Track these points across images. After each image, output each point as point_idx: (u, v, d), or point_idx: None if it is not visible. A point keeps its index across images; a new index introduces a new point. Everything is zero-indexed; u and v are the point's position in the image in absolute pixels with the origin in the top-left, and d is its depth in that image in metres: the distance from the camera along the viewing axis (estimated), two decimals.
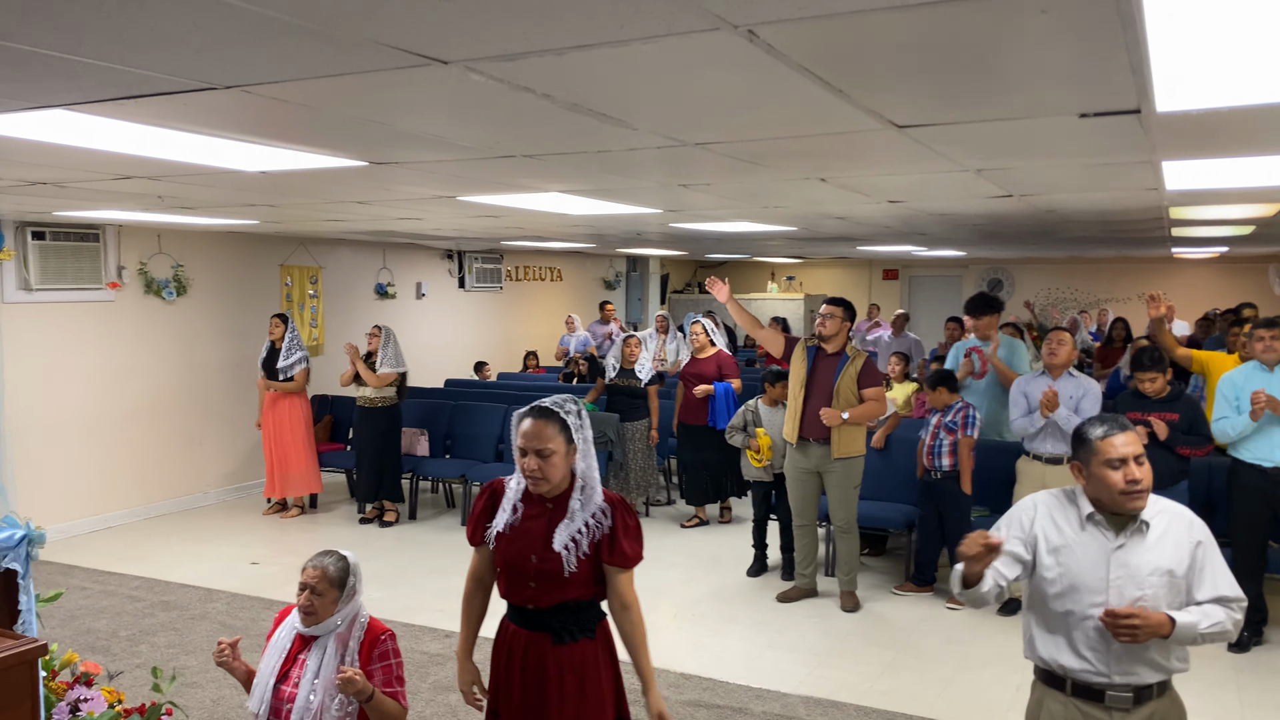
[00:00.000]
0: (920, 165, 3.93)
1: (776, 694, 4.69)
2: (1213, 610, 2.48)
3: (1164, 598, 2.48)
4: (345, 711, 2.72)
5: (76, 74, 2.33)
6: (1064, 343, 5.64)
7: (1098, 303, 15.61)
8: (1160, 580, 2.48)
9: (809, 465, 5.76)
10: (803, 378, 5.69)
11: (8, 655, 2.48)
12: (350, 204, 5.68)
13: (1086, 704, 2.56)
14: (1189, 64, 2.20)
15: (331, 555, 2.83)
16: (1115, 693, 2.52)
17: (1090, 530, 2.55)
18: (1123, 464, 2.47)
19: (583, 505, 2.70)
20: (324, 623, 2.77)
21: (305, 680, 2.74)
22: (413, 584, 6.39)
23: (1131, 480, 2.46)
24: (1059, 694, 2.61)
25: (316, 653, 2.78)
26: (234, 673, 2.86)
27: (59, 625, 5.53)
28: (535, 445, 2.63)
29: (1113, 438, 2.49)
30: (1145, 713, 2.54)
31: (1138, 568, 2.49)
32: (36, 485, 7.29)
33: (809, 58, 2.18)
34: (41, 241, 7.26)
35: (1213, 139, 3.29)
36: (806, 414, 5.66)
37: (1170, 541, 2.51)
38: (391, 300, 10.88)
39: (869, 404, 5.58)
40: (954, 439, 5.83)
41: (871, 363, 5.72)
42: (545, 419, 2.66)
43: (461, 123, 3.01)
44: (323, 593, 2.75)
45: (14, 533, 2.77)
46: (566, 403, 2.73)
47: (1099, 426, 2.53)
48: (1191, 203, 5.59)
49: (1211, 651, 5.18)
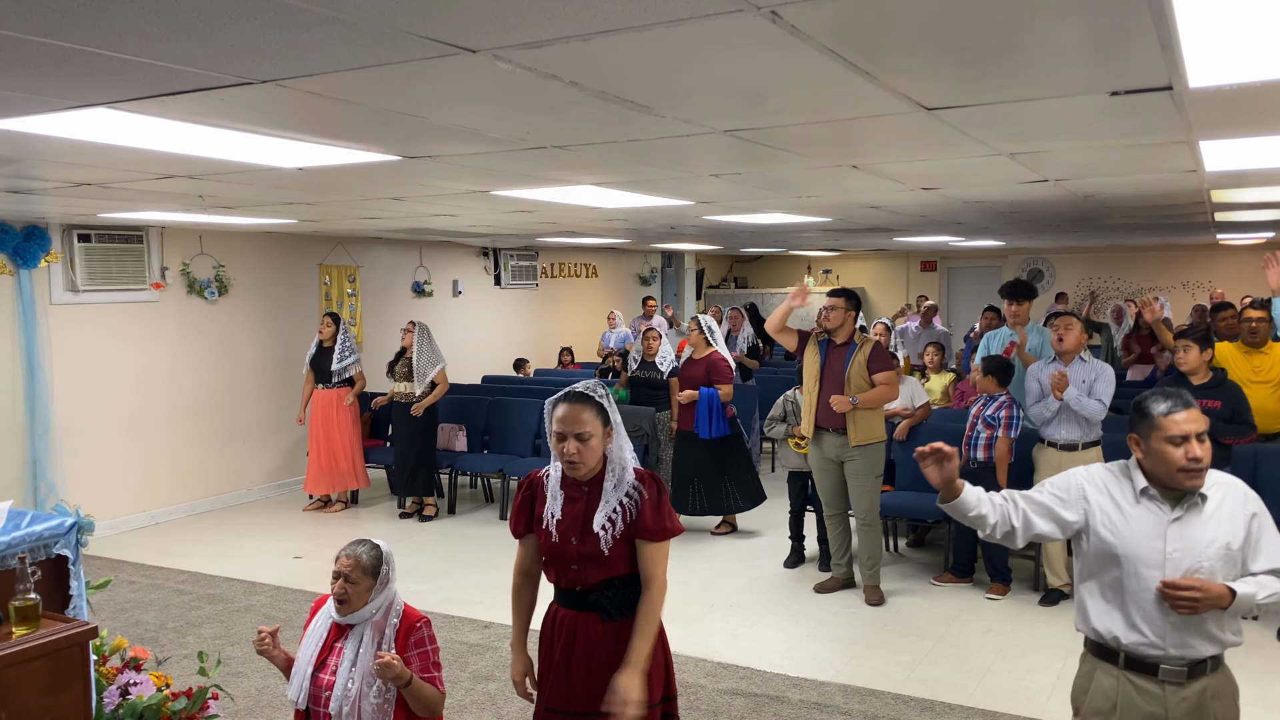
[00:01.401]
0: (952, 149, 3.91)
1: (814, 682, 4.69)
2: (1269, 581, 2.46)
3: (1220, 570, 2.46)
4: (384, 698, 2.75)
5: (117, 71, 2.40)
6: (1071, 328, 5.59)
7: (1140, 291, 15.38)
8: (1217, 553, 2.46)
9: (829, 455, 5.78)
10: (816, 370, 5.74)
11: (60, 637, 2.57)
12: (385, 200, 5.76)
13: (1140, 677, 2.53)
14: (1220, 37, 2.18)
15: (365, 544, 2.86)
16: (1170, 666, 2.49)
17: (1145, 503, 2.53)
18: (1184, 441, 2.44)
19: (616, 486, 2.76)
20: (359, 611, 2.80)
21: (343, 668, 2.78)
22: (452, 577, 6.47)
23: (1193, 458, 2.43)
24: (1111, 667, 2.59)
25: (353, 641, 2.81)
26: (274, 660, 2.90)
27: (109, 617, 5.66)
28: (574, 430, 2.69)
29: (1176, 414, 2.45)
30: (1199, 688, 2.50)
31: (1195, 540, 2.47)
32: (84, 483, 7.46)
33: (833, 38, 2.18)
34: (87, 244, 7.43)
35: (1251, 116, 3.25)
36: (820, 405, 5.70)
37: (1226, 514, 2.49)
38: (429, 298, 10.99)
39: (879, 388, 5.62)
40: (991, 434, 5.79)
41: (880, 347, 5.75)
42: (581, 403, 2.71)
43: (492, 113, 3.05)
44: (357, 581, 2.78)
45: (64, 520, 2.85)
46: (597, 387, 2.78)
47: (1163, 402, 2.48)
48: (1233, 185, 5.49)
49: (1260, 639, 5.11)
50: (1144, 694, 2.53)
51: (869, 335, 6.07)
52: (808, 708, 4.43)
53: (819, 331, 5.91)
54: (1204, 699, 2.50)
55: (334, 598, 2.81)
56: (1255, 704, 4.39)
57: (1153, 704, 2.52)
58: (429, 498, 8.06)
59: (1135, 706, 2.53)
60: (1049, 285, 16.02)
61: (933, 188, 5.45)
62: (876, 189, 5.45)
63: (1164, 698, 2.50)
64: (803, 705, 4.45)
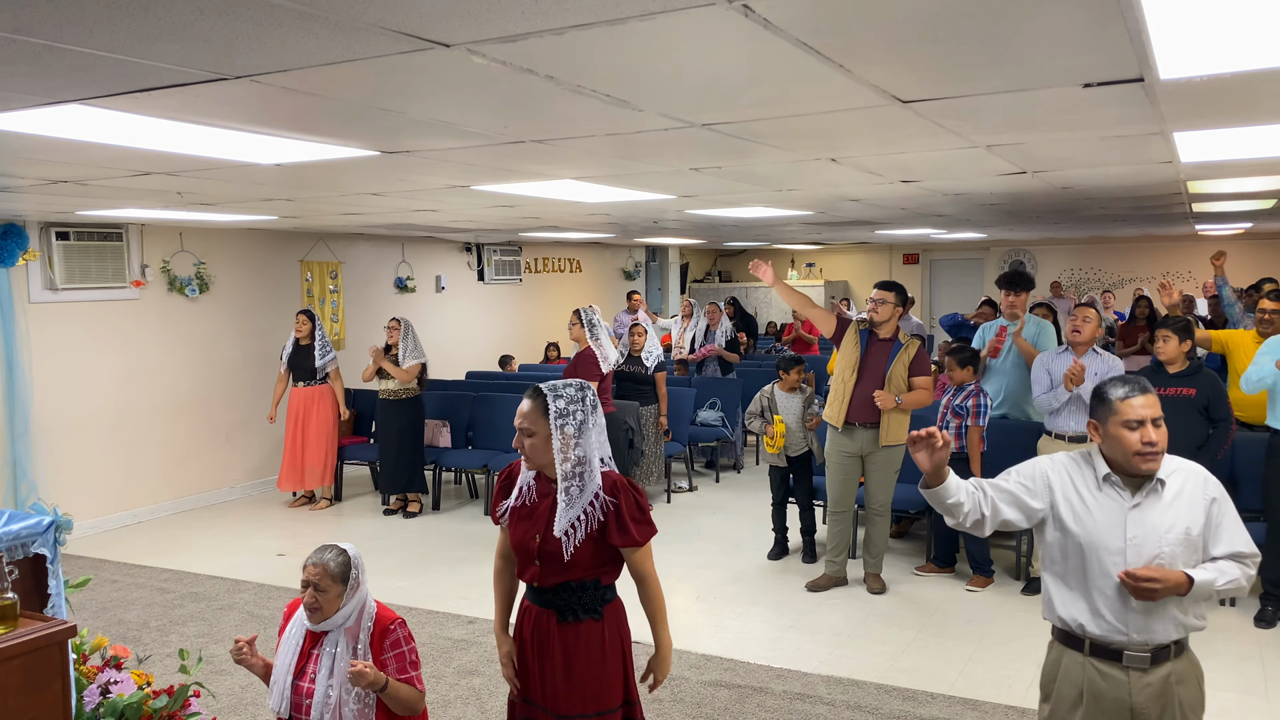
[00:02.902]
0: (930, 142, 3.93)
1: (797, 674, 4.72)
2: (1228, 566, 2.50)
3: (1181, 555, 2.50)
4: (364, 704, 2.75)
5: (89, 67, 2.38)
6: (1089, 320, 5.58)
7: (1121, 282, 15.49)
8: (1177, 538, 2.50)
9: (853, 449, 5.72)
10: (855, 361, 5.63)
11: (39, 636, 2.56)
12: (366, 196, 5.74)
13: (1104, 664, 2.57)
14: (1189, 29, 2.20)
15: (331, 550, 2.81)
16: (1133, 652, 2.54)
17: (1107, 490, 2.57)
18: (1140, 425, 2.49)
19: (581, 490, 2.72)
20: (331, 618, 2.77)
21: (321, 676, 2.77)
22: (437, 572, 6.46)
23: (1148, 442, 2.48)
24: (1077, 654, 2.63)
25: (329, 648, 2.79)
26: (253, 669, 2.88)
27: (91, 617, 5.63)
28: (520, 424, 2.75)
29: (1133, 399, 2.51)
30: (1163, 673, 2.54)
31: (1155, 526, 2.51)
32: (65, 482, 7.42)
33: (806, 31, 2.19)
34: (66, 241, 7.38)
35: (1222, 107, 3.27)
36: (855, 397, 5.61)
37: (1186, 500, 2.53)
38: (411, 294, 10.96)
39: (919, 392, 5.57)
40: (960, 423, 5.82)
41: (924, 352, 5.68)
42: (532, 399, 2.75)
43: (469, 108, 3.05)
44: (326, 589, 2.75)
45: (42, 519, 2.84)
46: (569, 389, 2.75)
47: (1121, 387, 2.54)
48: (1209, 176, 5.54)
49: (1237, 625, 5.17)
50: (1109, 680, 2.56)
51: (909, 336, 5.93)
52: (791, 698, 4.45)
53: (861, 321, 5.82)
54: (1168, 684, 2.54)
55: (304, 606, 2.78)
56: (1232, 689, 4.44)
57: (1117, 689, 2.55)
58: (413, 494, 8.04)
59: (1101, 692, 2.57)
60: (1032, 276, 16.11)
61: (912, 180, 5.47)
62: (856, 182, 5.46)
63: (1128, 683, 2.54)
64: (786, 696, 4.48)
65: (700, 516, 7.79)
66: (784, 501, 6.62)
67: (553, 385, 2.77)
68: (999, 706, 4.33)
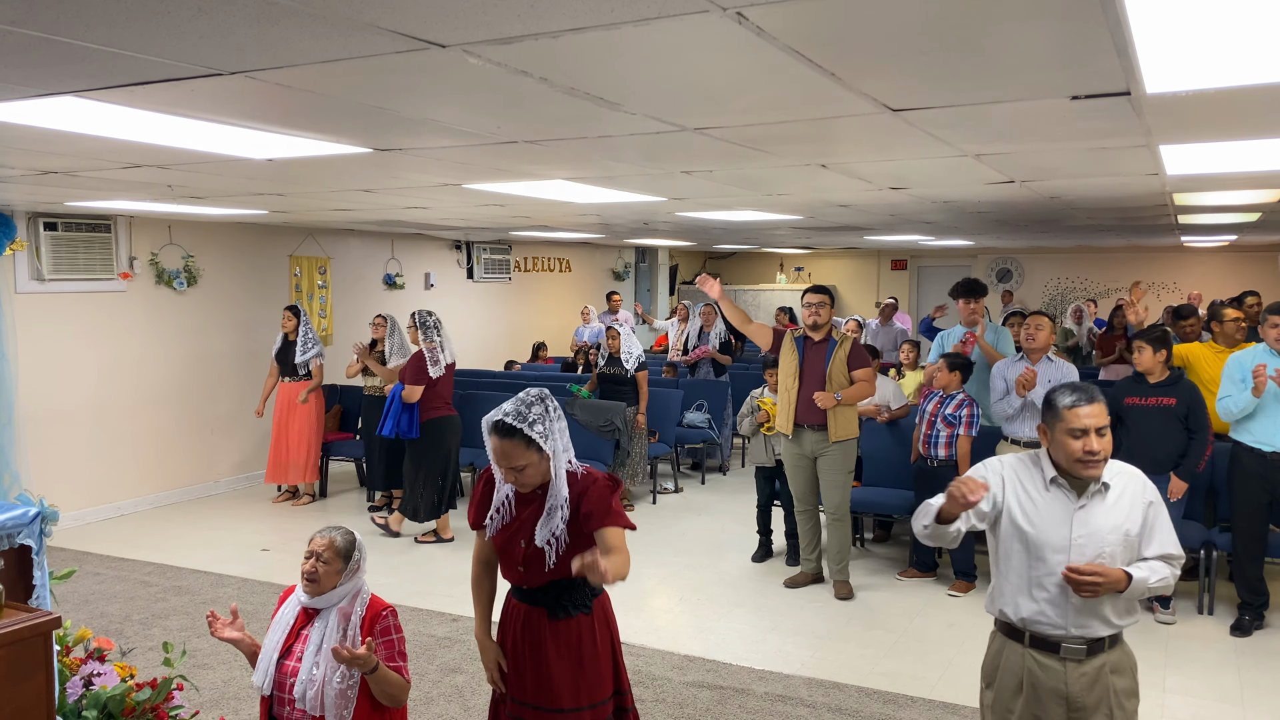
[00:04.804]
0: (919, 150, 3.96)
1: (779, 675, 4.74)
2: (1159, 566, 2.64)
3: (1120, 555, 2.62)
4: (347, 684, 2.76)
5: (85, 60, 2.39)
6: (1042, 327, 5.68)
7: (1106, 292, 15.59)
8: (1118, 539, 2.62)
9: (804, 451, 5.82)
10: (795, 367, 5.76)
11: (23, 627, 2.55)
12: (356, 192, 5.74)
13: (1043, 654, 2.70)
14: (1175, 45, 2.24)
15: (340, 529, 2.89)
16: (1070, 644, 2.66)
17: (1054, 491, 2.68)
18: (1084, 434, 2.58)
19: (556, 496, 2.73)
20: (326, 594, 2.82)
21: (308, 653, 2.79)
22: (421, 569, 6.47)
23: (1089, 451, 2.57)
24: (1017, 645, 2.76)
25: (319, 627, 2.83)
26: (238, 645, 2.91)
27: (73, 609, 5.61)
28: (506, 464, 2.68)
29: (1079, 408, 2.59)
30: (1098, 663, 2.67)
31: (1098, 527, 2.62)
32: (50, 473, 7.39)
33: (799, 40, 2.22)
34: (54, 232, 7.35)
35: (1208, 121, 3.32)
36: (801, 401, 5.73)
37: (1126, 502, 2.65)
38: (400, 291, 10.94)
39: (860, 385, 5.69)
40: (952, 432, 5.86)
41: (859, 345, 5.82)
42: (510, 438, 2.65)
43: (463, 108, 3.06)
44: (328, 561, 2.81)
45: (28, 510, 2.84)
46: (532, 407, 2.69)
47: (1069, 395, 2.62)
48: (1194, 188, 5.60)
49: (1213, 635, 5.22)
50: (1046, 670, 2.69)
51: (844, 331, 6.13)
52: (772, 700, 4.48)
53: (794, 328, 5.94)
54: (1102, 673, 2.67)
55: (304, 576, 2.82)
56: (1207, 697, 4.49)
57: (1054, 679, 2.68)
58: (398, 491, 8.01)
59: (1039, 681, 2.70)
60: (1018, 285, 16.20)
61: (901, 187, 5.51)
62: (845, 188, 5.50)
63: (1065, 673, 2.67)
64: (767, 698, 4.50)
65: (685, 518, 7.81)
66: (769, 503, 6.65)
67: (518, 413, 2.67)
68: (978, 710, 4.36)
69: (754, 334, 5.95)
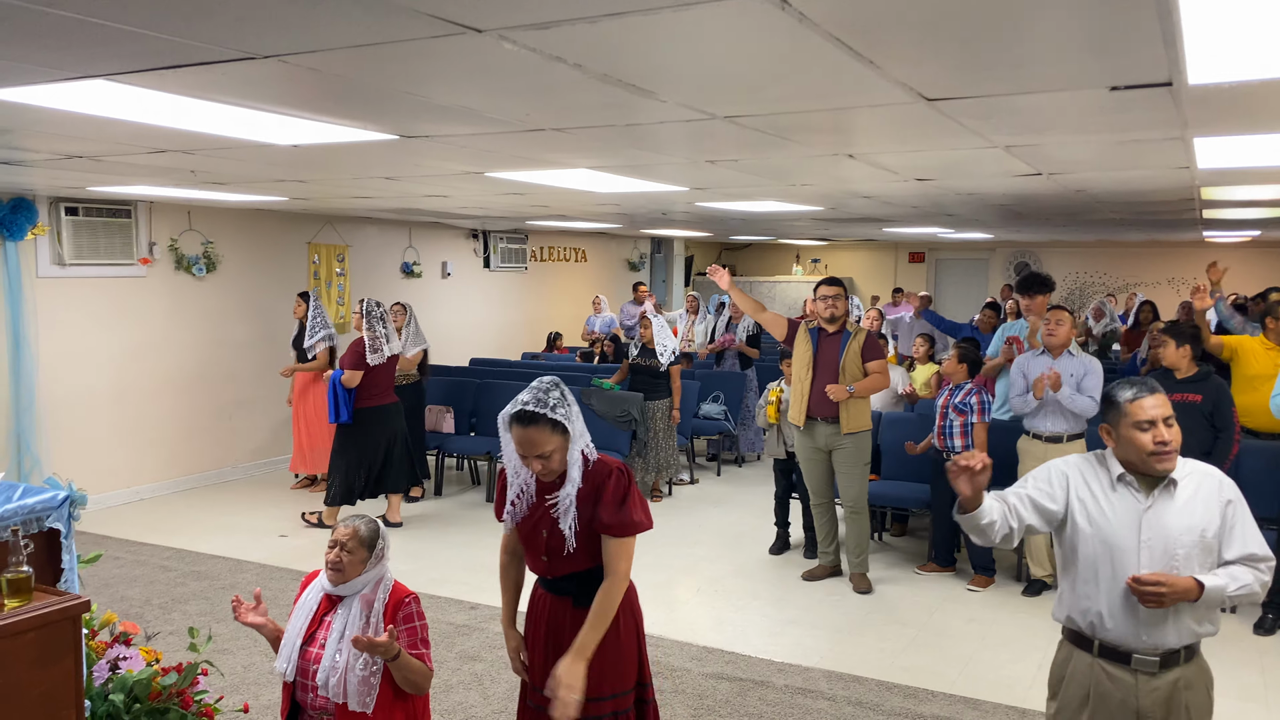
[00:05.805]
0: (949, 141, 3.92)
1: (798, 668, 4.73)
2: (1240, 572, 2.49)
3: (1196, 558, 2.49)
4: (370, 670, 2.76)
5: (118, 43, 2.38)
6: (1063, 322, 5.62)
7: (1126, 287, 15.48)
8: (1193, 540, 2.49)
9: (818, 444, 5.80)
10: (809, 359, 5.74)
11: (52, 610, 2.56)
12: (378, 179, 5.73)
13: (1112, 665, 2.57)
14: (1223, 35, 2.20)
15: (364, 518, 2.91)
16: (1142, 656, 2.53)
17: (1121, 491, 2.57)
18: (1151, 425, 2.49)
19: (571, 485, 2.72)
20: (351, 582, 2.82)
21: (331, 640, 2.80)
22: (439, 557, 6.47)
23: (1160, 442, 2.48)
24: (1085, 654, 2.63)
25: (342, 613, 2.83)
26: (262, 631, 2.92)
27: (94, 593, 5.62)
28: (533, 452, 2.65)
29: (1142, 400, 2.51)
30: (1171, 678, 2.54)
31: (1169, 528, 2.50)
32: (69, 457, 7.42)
33: (840, 27, 2.19)
34: (74, 217, 7.37)
35: (1246, 114, 3.27)
36: (814, 393, 5.70)
37: (1201, 501, 2.52)
38: (417, 279, 10.95)
39: (873, 377, 5.66)
40: (964, 420, 5.83)
41: (873, 337, 5.78)
42: (535, 425, 2.64)
43: (493, 94, 3.04)
44: (353, 550, 2.81)
45: (56, 494, 2.84)
46: (549, 393, 2.69)
47: (1128, 389, 2.55)
48: (1223, 182, 5.53)
49: (1236, 633, 5.18)
50: (1116, 682, 2.56)
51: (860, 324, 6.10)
52: (792, 693, 4.46)
53: (810, 320, 5.91)
54: (1176, 689, 2.53)
55: (328, 565, 2.83)
56: (1230, 696, 4.45)
57: (1124, 692, 2.55)
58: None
59: (1108, 694, 2.57)
60: None
61: (927, 179, 5.46)
62: (871, 179, 5.46)
63: (1135, 686, 2.54)
64: (787, 690, 4.49)
65: (702, 509, 7.80)
66: (787, 494, 6.62)
67: (537, 399, 2.66)
68: (1000, 706, 4.34)
69: (768, 323, 5.92)
